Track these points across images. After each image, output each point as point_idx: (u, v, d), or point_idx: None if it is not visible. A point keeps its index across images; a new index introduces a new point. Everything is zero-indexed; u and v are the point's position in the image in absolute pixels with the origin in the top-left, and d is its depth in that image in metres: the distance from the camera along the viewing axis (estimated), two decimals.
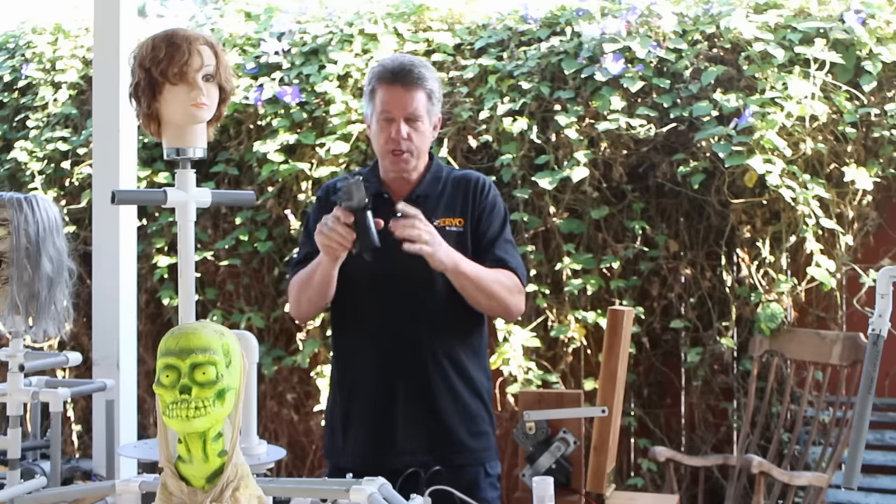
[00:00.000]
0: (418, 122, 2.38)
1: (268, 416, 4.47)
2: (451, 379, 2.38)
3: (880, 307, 1.99)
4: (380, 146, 2.41)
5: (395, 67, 2.37)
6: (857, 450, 1.98)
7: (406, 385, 2.35)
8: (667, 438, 4.00)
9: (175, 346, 1.33)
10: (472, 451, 2.40)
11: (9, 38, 5.30)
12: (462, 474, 2.29)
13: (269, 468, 1.95)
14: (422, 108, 2.37)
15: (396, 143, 2.36)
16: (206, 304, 4.50)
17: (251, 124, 4.46)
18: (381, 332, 2.38)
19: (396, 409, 2.36)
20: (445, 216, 2.40)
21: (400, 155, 2.38)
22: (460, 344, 2.40)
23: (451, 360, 2.38)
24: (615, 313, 2.33)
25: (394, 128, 2.36)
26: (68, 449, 4.80)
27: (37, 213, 2.21)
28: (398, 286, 2.34)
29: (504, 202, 2.51)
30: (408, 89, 2.36)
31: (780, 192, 3.64)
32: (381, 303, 2.36)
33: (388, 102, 2.37)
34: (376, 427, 2.36)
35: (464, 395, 2.40)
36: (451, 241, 2.32)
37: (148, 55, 1.83)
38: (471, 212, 2.42)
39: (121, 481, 1.68)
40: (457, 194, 2.44)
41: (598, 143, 3.95)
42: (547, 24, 4.26)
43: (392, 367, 2.36)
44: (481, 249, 2.39)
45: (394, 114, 2.36)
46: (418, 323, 2.36)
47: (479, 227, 2.41)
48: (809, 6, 3.91)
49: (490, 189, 2.47)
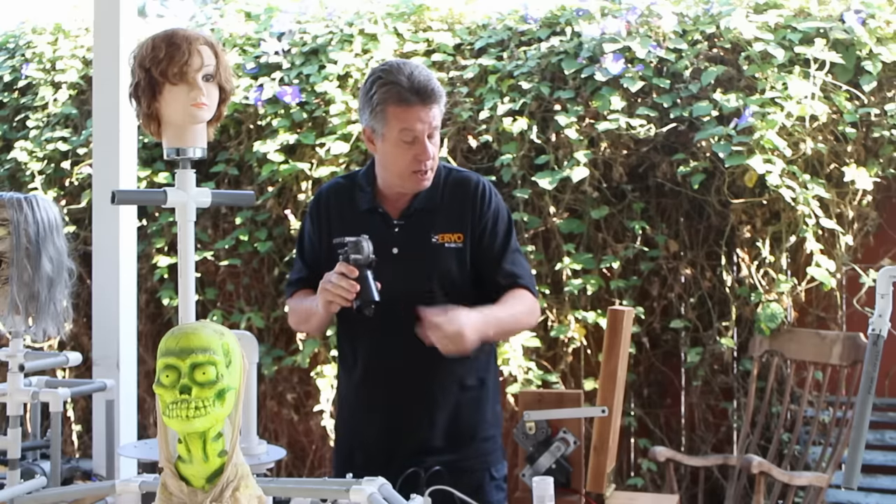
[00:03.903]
0: (436, 135, 2.27)
1: (268, 416, 4.47)
2: (454, 385, 2.34)
3: (880, 307, 1.99)
4: (399, 167, 2.26)
5: (413, 86, 2.21)
6: (857, 450, 1.98)
7: (410, 392, 2.33)
8: (667, 438, 4.00)
9: (175, 346, 1.33)
10: (478, 455, 2.37)
11: (9, 38, 5.30)
12: (467, 478, 2.25)
13: (269, 468, 1.95)
14: (439, 120, 2.26)
15: (422, 163, 2.24)
16: (206, 304, 4.50)
17: (251, 124, 4.46)
18: (385, 345, 2.33)
19: (401, 411, 2.34)
20: (444, 231, 2.31)
21: (424, 174, 2.26)
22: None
23: (454, 371, 2.33)
24: (615, 313, 2.33)
25: (418, 148, 2.23)
26: (68, 449, 4.80)
27: (37, 213, 2.21)
28: (400, 314, 2.26)
29: (505, 203, 2.43)
30: (428, 107, 2.22)
31: (780, 192, 3.64)
32: (384, 326, 2.29)
33: (409, 121, 2.22)
34: (388, 422, 2.35)
35: (469, 399, 2.36)
36: (450, 258, 2.28)
37: (148, 55, 1.83)
38: (471, 225, 2.33)
39: (121, 481, 1.68)
40: (455, 204, 2.33)
41: (598, 143, 3.95)
42: (547, 24, 4.26)
43: (398, 378, 2.33)
44: (489, 262, 2.33)
45: (416, 133, 2.22)
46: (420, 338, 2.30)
47: (482, 240, 2.33)
48: (809, 6, 3.91)
49: (490, 197, 2.36)
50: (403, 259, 2.28)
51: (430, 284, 2.28)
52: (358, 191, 2.38)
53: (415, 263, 2.28)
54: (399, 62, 2.29)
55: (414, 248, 2.29)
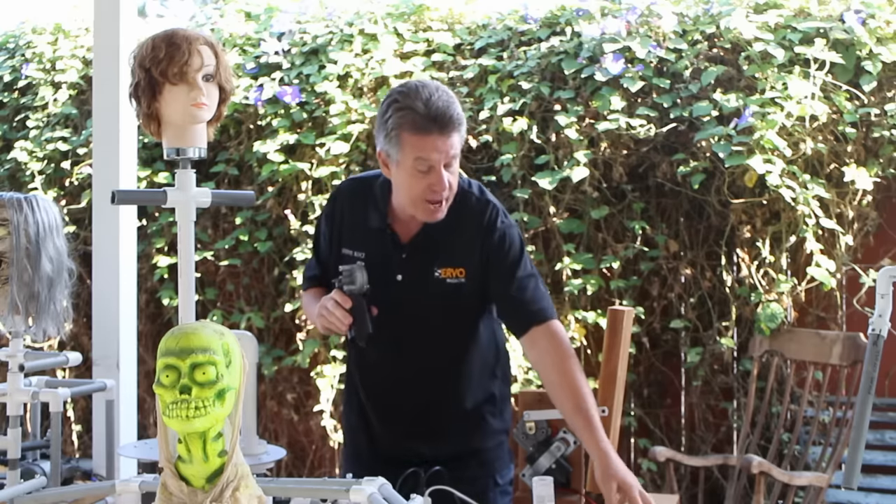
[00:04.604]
0: (454, 164, 2.14)
1: (268, 416, 4.47)
2: (454, 405, 2.32)
3: (880, 307, 1.99)
4: (413, 195, 2.15)
5: (430, 113, 2.07)
6: (857, 450, 1.98)
7: (415, 384, 2.31)
8: (667, 438, 4.00)
9: (175, 346, 1.33)
10: (483, 461, 2.35)
11: (9, 38, 5.30)
12: (471, 483, 2.20)
13: (269, 468, 1.95)
14: (458, 148, 2.12)
15: (437, 194, 2.12)
16: (206, 304, 4.50)
17: (251, 124, 4.46)
18: (382, 367, 2.32)
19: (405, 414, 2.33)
20: (447, 265, 2.22)
21: (439, 205, 2.15)
22: (470, 358, 2.32)
23: (457, 391, 2.31)
24: (615, 313, 2.33)
25: (433, 178, 2.10)
26: (68, 449, 4.80)
27: (37, 213, 2.21)
28: (399, 338, 2.27)
29: (519, 232, 2.29)
30: (446, 136, 2.08)
31: (780, 192, 3.64)
32: (382, 349, 2.29)
33: (425, 150, 2.08)
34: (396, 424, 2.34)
35: (472, 418, 2.33)
36: (450, 293, 2.22)
37: (148, 55, 1.83)
38: (478, 260, 2.23)
39: (121, 481, 1.68)
40: (464, 236, 2.23)
41: (598, 143, 3.95)
42: (547, 24, 4.26)
43: (403, 383, 2.31)
44: (505, 298, 2.24)
45: (432, 162, 2.09)
46: (424, 345, 2.28)
47: (491, 276, 2.23)
48: (809, 6, 3.91)
49: (504, 237, 2.23)
50: (406, 288, 2.23)
51: (430, 315, 2.24)
52: (372, 205, 2.28)
53: (416, 295, 2.23)
54: (418, 84, 2.13)
55: (417, 279, 2.23)
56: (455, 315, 2.26)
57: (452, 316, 2.26)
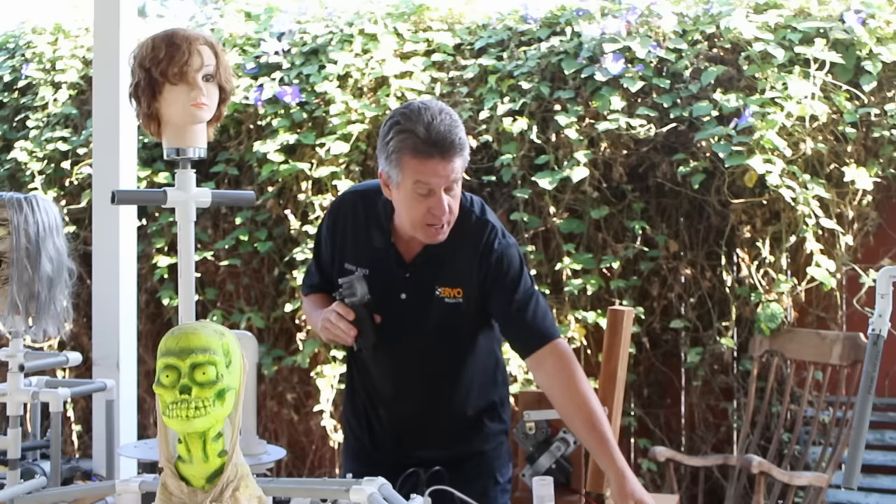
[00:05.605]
0: (455, 188, 2.10)
1: (268, 416, 4.47)
2: (453, 416, 2.32)
3: (880, 307, 1.99)
4: (413, 218, 2.12)
5: (431, 137, 2.03)
6: (857, 450, 1.98)
7: (416, 394, 2.31)
8: (667, 438, 4.00)
9: (175, 346, 1.33)
10: (483, 462, 2.35)
11: (9, 38, 5.30)
12: (472, 483, 2.21)
13: (269, 468, 1.95)
14: (460, 172, 2.09)
15: (437, 218, 2.10)
16: (206, 304, 4.50)
17: (251, 124, 4.46)
18: (391, 369, 2.32)
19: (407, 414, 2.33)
20: (446, 285, 2.21)
21: (439, 228, 2.12)
22: (471, 368, 2.32)
23: (454, 404, 2.31)
24: (615, 313, 2.33)
25: (433, 202, 2.07)
26: (68, 449, 4.80)
27: (37, 213, 2.21)
28: (402, 354, 2.27)
29: (518, 251, 2.26)
30: (447, 160, 2.05)
31: (780, 192, 3.64)
32: (383, 364, 2.30)
33: (425, 175, 2.05)
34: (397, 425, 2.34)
35: (470, 428, 2.34)
36: (450, 312, 2.21)
37: (148, 55, 1.83)
38: (477, 282, 2.21)
39: (121, 481, 1.68)
40: (463, 256, 2.21)
41: (598, 143, 3.95)
42: (547, 24, 4.26)
43: (404, 393, 2.32)
44: (511, 317, 2.22)
45: (432, 186, 2.06)
46: (425, 358, 2.28)
47: (490, 297, 2.22)
48: (809, 6, 3.91)
49: (501, 258, 2.21)
50: (410, 307, 2.23)
51: (431, 332, 2.24)
52: (375, 223, 2.26)
53: (419, 314, 2.24)
54: (421, 106, 2.08)
55: (420, 297, 2.23)
56: (455, 331, 2.26)
57: (452, 332, 2.26)
